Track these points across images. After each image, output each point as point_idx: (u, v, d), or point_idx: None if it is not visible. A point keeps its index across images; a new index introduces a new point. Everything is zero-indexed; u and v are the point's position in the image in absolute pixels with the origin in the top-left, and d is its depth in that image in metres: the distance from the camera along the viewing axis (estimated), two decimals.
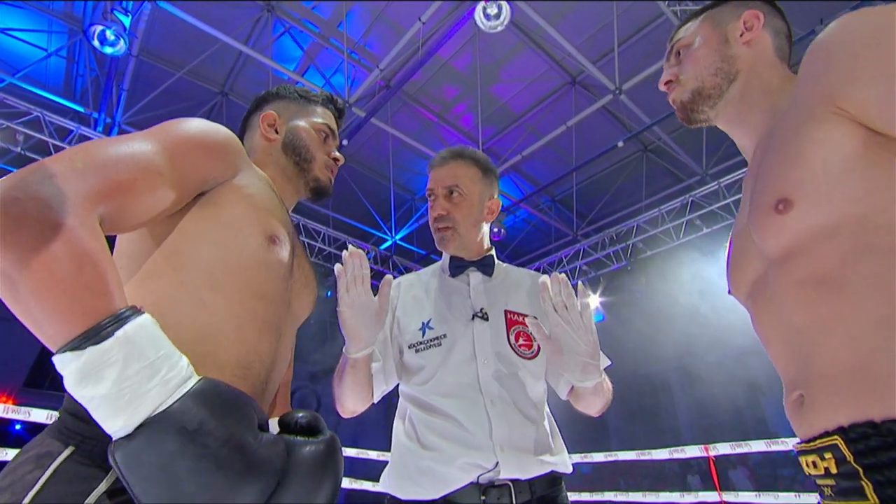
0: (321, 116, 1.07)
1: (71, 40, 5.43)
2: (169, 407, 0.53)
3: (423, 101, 6.53)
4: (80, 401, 0.54)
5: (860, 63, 0.62)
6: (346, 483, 4.02)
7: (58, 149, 4.99)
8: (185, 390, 0.55)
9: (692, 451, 3.47)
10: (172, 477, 0.51)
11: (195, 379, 0.57)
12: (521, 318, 1.23)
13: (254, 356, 0.76)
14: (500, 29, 4.47)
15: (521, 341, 1.20)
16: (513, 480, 1.05)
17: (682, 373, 8.98)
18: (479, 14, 4.36)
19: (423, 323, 1.23)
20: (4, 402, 3.82)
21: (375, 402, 1.24)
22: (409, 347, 1.22)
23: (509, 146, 6.93)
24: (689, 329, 6.86)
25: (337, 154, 1.08)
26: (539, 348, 1.21)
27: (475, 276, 1.29)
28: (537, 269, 7.73)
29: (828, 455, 0.62)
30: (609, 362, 1.21)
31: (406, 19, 5.24)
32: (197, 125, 0.79)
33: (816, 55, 0.69)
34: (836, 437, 0.60)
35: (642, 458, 3.68)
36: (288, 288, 0.88)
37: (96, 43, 4.20)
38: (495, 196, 1.33)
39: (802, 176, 0.66)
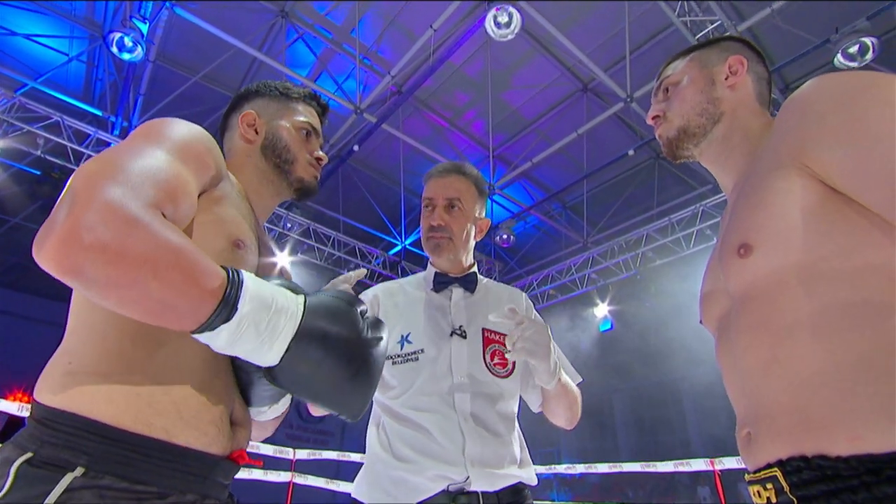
0: (303, 114, 1.04)
1: (91, 45, 5.56)
2: (298, 329, 0.64)
3: (434, 107, 6.57)
4: (234, 355, 0.64)
5: (827, 126, 0.65)
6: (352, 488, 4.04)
7: (76, 152, 5.12)
8: (301, 312, 0.65)
9: (698, 465, 3.43)
10: (319, 372, 0.65)
11: (301, 298, 0.67)
12: (497, 337, 1.25)
13: (222, 355, 0.76)
14: (510, 37, 4.49)
15: (496, 360, 1.23)
16: (482, 492, 1.09)
17: (691, 383, 8.87)
18: (489, 23, 4.38)
19: (402, 336, 1.24)
20: (21, 400, 3.91)
21: None
22: (387, 359, 1.22)
23: (520, 152, 6.93)
24: (698, 339, 6.78)
25: (320, 153, 1.05)
26: (514, 367, 1.25)
27: (457, 293, 1.31)
28: (546, 277, 7.70)
29: (769, 486, 0.67)
30: (580, 378, 1.32)
31: (418, 26, 5.28)
32: (190, 130, 0.78)
33: (791, 110, 0.72)
34: (775, 469, 0.66)
35: (647, 469, 3.65)
36: None
37: (115, 50, 4.30)
38: (483, 215, 1.37)
39: (763, 223, 0.70)
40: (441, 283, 1.31)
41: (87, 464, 0.62)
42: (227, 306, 0.60)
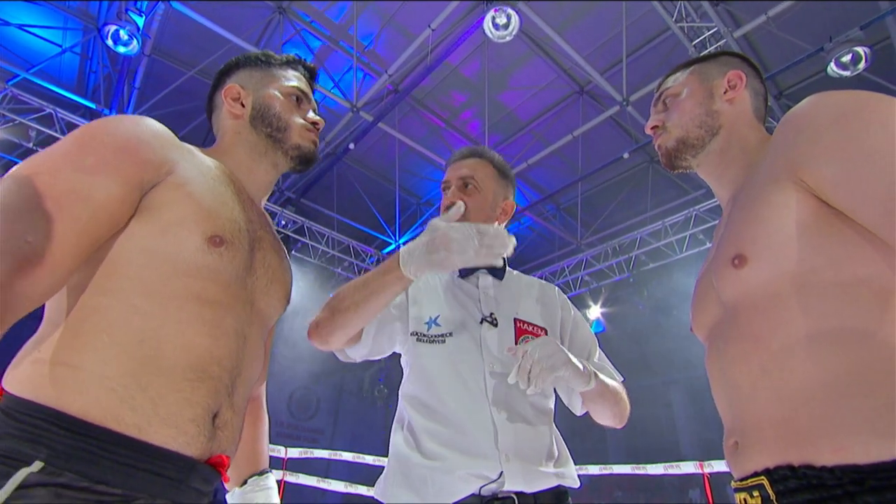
0: (290, 79, 0.98)
1: (86, 37, 5.50)
2: None
3: (430, 107, 6.56)
4: None
5: (822, 142, 0.67)
6: (342, 487, 4.03)
7: None
8: None
9: (687, 468, 3.46)
10: None
11: None
12: (530, 328, 1.19)
13: (208, 360, 0.71)
14: (508, 39, 4.49)
15: None
16: (517, 493, 1.00)
17: (682, 386, 8.93)
18: (487, 24, 4.39)
19: (430, 317, 1.19)
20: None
21: (355, 360, 1.20)
22: (412, 335, 1.17)
23: (516, 153, 6.94)
24: (689, 342, 6.83)
25: (315, 117, 0.99)
26: None
27: (485, 279, 1.24)
28: (540, 279, 7.71)
29: (756, 493, 0.69)
30: (621, 377, 1.22)
31: (416, 25, 5.27)
32: (115, 127, 0.73)
33: (788, 126, 0.74)
34: (762, 477, 0.67)
35: (637, 472, 3.67)
36: (247, 287, 0.81)
37: (110, 42, 4.27)
38: (510, 198, 1.30)
39: (758, 235, 0.71)
40: (467, 268, 1.23)
41: (46, 458, 0.57)
42: None
